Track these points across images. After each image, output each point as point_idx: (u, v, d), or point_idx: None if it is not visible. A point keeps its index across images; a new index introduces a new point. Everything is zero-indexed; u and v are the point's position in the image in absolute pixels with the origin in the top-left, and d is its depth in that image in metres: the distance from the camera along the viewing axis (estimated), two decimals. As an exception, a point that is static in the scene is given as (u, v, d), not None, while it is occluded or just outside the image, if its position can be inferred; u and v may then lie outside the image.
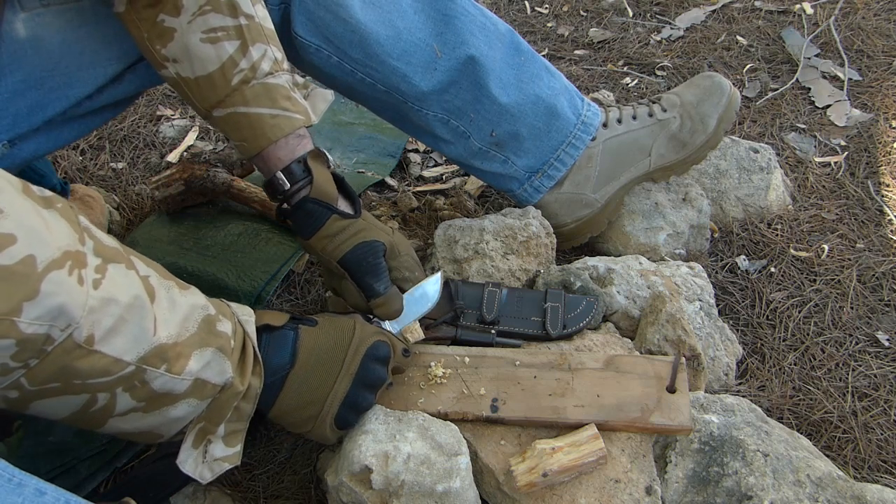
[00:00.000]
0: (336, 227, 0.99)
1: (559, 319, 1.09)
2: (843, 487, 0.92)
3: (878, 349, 1.23)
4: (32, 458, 1.02)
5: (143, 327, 0.71)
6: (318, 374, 0.88)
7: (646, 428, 0.96)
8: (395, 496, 0.87)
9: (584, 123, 1.27)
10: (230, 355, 0.79)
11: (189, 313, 0.77)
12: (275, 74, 0.97)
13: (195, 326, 0.76)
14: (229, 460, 0.83)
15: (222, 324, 0.80)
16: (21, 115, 0.97)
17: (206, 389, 0.78)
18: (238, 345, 0.81)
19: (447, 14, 1.17)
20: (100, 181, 1.56)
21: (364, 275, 1.00)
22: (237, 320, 0.84)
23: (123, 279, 0.70)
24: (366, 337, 0.91)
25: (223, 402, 0.80)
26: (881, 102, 1.72)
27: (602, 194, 1.28)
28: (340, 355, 0.89)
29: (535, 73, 1.24)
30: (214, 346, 0.78)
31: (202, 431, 0.82)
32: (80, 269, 0.65)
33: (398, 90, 1.18)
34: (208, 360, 0.77)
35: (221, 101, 0.96)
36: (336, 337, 0.90)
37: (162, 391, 0.74)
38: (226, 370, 0.79)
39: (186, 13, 0.92)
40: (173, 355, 0.73)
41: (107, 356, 0.68)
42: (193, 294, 0.80)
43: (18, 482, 0.63)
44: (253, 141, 0.97)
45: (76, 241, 0.66)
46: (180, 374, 0.74)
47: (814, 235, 1.42)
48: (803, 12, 2.02)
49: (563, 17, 2.12)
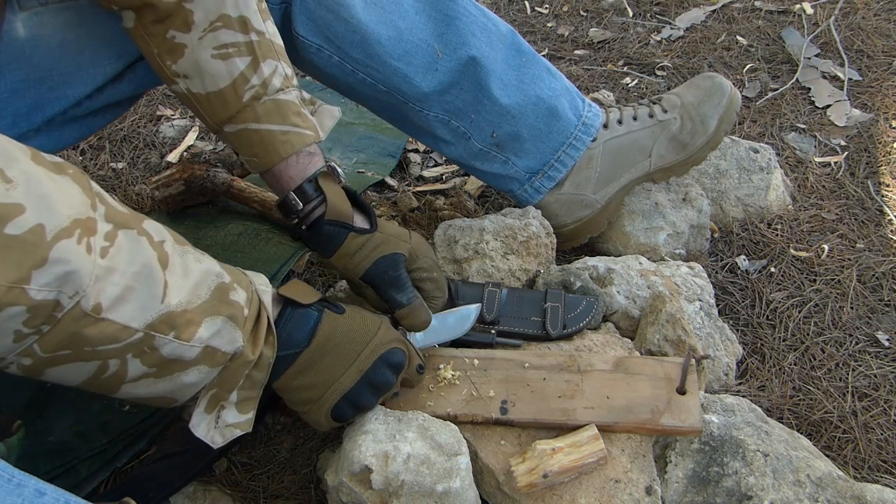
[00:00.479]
0: (354, 245, 0.99)
1: (559, 319, 1.09)
2: (843, 487, 0.92)
3: (878, 349, 1.23)
4: (32, 458, 1.02)
5: (152, 294, 0.71)
6: (328, 361, 0.88)
7: (656, 430, 0.95)
8: (395, 496, 0.87)
9: (584, 124, 1.27)
10: (242, 325, 0.79)
11: (202, 280, 0.77)
12: (285, 91, 0.97)
13: (207, 293, 0.77)
14: (241, 427, 0.84)
15: (236, 293, 0.80)
16: (21, 115, 0.97)
17: (216, 357, 0.78)
18: (252, 314, 0.81)
19: (448, 15, 1.17)
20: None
21: (387, 288, 1.00)
22: (254, 290, 0.84)
23: (133, 245, 0.70)
24: (386, 340, 0.91)
25: (234, 369, 0.81)
26: (881, 102, 1.72)
27: (602, 195, 1.28)
28: (356, 349, 0.89)
29: (537, 74, 1.24)
30: (226, 314, 0.78)
31: (215, 398, 0.83)
32: (89, 236, 0.66)
33: (399, 91, 1.18)
34: (219, 329, 0.77)
35: (232, 117, 0.96)
36: (358, 331, 0.90)
37: (172, 357, 0.75)
38: (236, 339, 0.79)
39: (197, 29, 0.92)
40: (182, 322, 0.74)
41: (115, 323, 0.69)
42: (208, 261, 0.80)
43: (18, 482, 0.63)
44: (264, 157, 0.97)
45: (87, 207, 0.67)
46: (190, 340, 0.75)
47: (814, 235, 1.42)
48: (803, 12, 2.02)
49: (563, 17, 2.12)
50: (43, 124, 0.99)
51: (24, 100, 0.97)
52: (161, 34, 0.93)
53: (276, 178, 0.99)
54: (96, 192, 0.70)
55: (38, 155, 0.66)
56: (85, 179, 0.69)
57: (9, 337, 0.64)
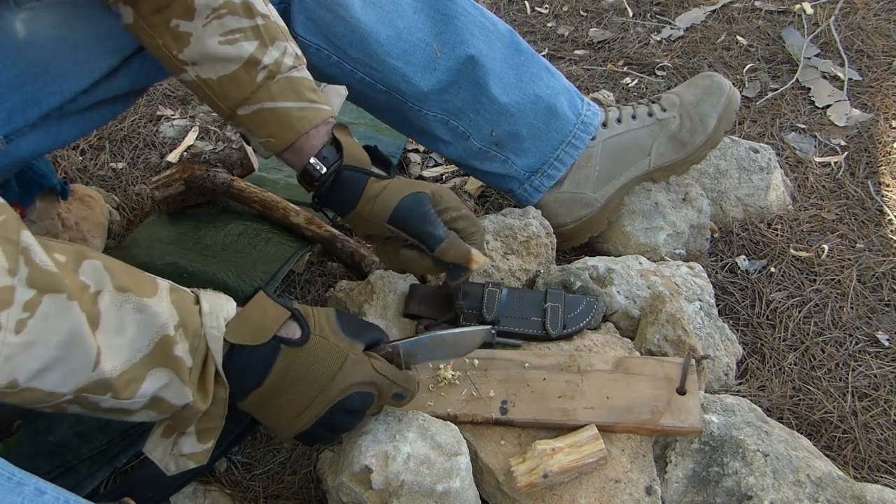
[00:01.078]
0: (376, 189, 0.97)
1: (559, 319, 1.09)
2: (843, 487, 0.92)
3: (878, 349, 1.23)
4: (32, 458, 1.02)
5: (82, 362, 0.66)
6: (283, 401, 0.82)
7: (656, 430, 0.95)
8: (395, 496, 0.87)
9: (583, 123, 1.27)
10: (187, 378, 0.75)
11: (140, 332, 0.71)
12: (298, 68, 0.97)
13: (149, 346, 0.71)
14: (196, 458, 0.80)
15: (179, 346, 0.74)
16: (16, 110, 0.97)
17: (164, 406, 0.74)
18: (199, 362, 0.76)
19: (447, 14, 1.17)
20: (100, 181, 1.56)
21: (419, 225, 0.97)
22: (203, 334, 0.77)
23: (60, 312, 0.64)
24: (345, 385, 0.82)
25: (186, 416, 0.77)
26: (881, 102, 1.72)
27: (602, 194, 1.28)
28: (311, 394, 0.82)
29: (535, 72, 1.24)
30: (170, 367, 0.73)
31: (170, 428, 0.80)
32: (2, 310, 0.60)
33: (398, 90, 1.18)
34: (166, 382, 0.73)
35: (247, 98, 0.95)
36: (315, 372, 0.82)
37: (114, 408, 0.72)
38: (185, 394, 0.75)
39: (200, 16, 0.92)
40: (121, 384, 0.69)
41: (39, 390, 0.65)
42: (150, 310, 0.72)
43: (18, 481, 0.63)
44: (281, 135, 0.96)
45: (4, 274, 0.61)
46: (132, 398, 0.71)
47: (814, 235, 1.42)
48: (803, 12, 2.02)
49: (563, 17, 2.12)
50: (39, 120, 0.99)
51: (19, 95, 0.96)
52: (163, 24, 0.92)
53: (295, 154, 0.98)
54: (24, 246, 0.62)
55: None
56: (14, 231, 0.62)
57: None
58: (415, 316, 1.12)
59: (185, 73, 0.96)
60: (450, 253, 0.98)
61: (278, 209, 1.38)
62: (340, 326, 0.85)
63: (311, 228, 1.35)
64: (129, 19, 0.94)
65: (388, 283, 1.15)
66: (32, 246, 0.63)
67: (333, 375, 0.82)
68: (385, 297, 1.14)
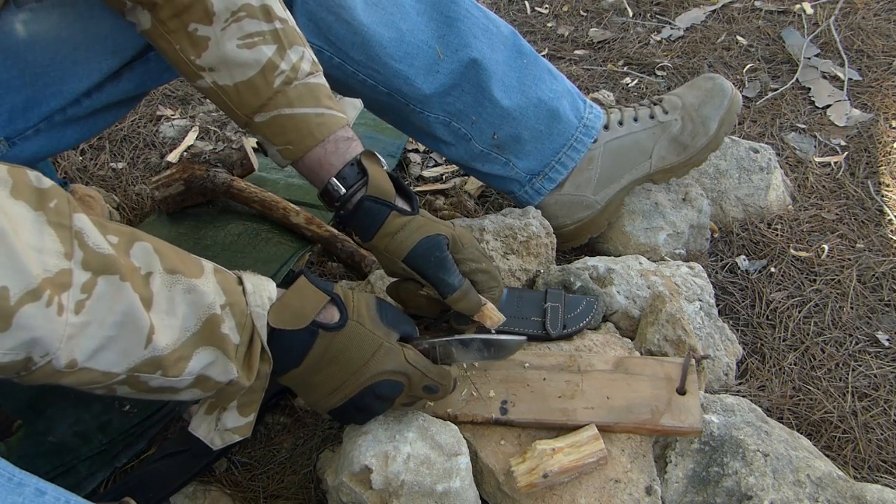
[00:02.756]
0: (396, 225, 0.95)
1: (559, 319, 1.09)
2: (843, 487, 0.92)
3: (878, 349, 1.23)
4: (32, 458, 1.02)
5: (135, 341, 0.69)
6: (318, 379, 0.87)
7: (656, 430, 0.95)
8: (395, 496, 0.87)
9: (585, 126, 1.27)
10: (233, 355, 0.78)
11: (190, 312, 0.74)
12: (315, 74, 0.96)
13: (196, 325, 0.74)
14: (240, 431, 0.85)
15: (226, 324, 0.77)
16: (17, 111, 0.97)
17: (209, 384, 0.78)
18: (245, 339, 0.79)
19: (450, 16, 1.17)
20: (100, 181, 1.56)
21: (434, 270, 0.96)
22: (248, 313, 0.80)
23: (114, 293, 0.66)
24: (377, 371, 0.87)
25: (230, 392, 0.81)
26: (881, 102, 1.72)
27: (602, 196, 1.28)
28: (342, 376, 0.87)
29: (538, 75, 1.24)
30: (217, 346, 0.76)
31: (214, 404, 0.84)
32: (62, 293, 0.62)
33: (400, 92, 1.18)
34: (211, 360, 0.76)
35: (264, 104, 0.94)
36: (350, 355, 0.86)
37: (162, 387, 0.74)
38: (230, 370, 0.78)
39: (219, 20, 0.91)
40: (170, 362, 0.72)
41: (94, 370, 0.67)
42: (199, 290, 0.75)
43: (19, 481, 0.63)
44: (299, 143, 0.95)
45: (61, 258, 0.63)
46: (179, 375, 0.74)
47: (814, 235, 1.42)
48: (803, 12, 2.02)
49: (563, 17, 2.12)
50: (42, 123, 0.99)
51: (19, 95, 0.96)
52: (181, 29, 0.92)
53: (314, 166, 0.96)
54: (77, 230, 0.65)
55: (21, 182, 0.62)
56: (66, 216, 0.64)
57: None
58: (415, 316, 1.11)
59: (201, 79, 0.95)
60: (461, 304, 0.97)
61: (278, 209, 1.38)
62: (379, 314, 0.89)
63: (311, 228, 1.35)
64: (145, 25, 0.93)
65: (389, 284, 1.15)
66: (85, 228, 0.65)
67: (366, 361, 0.86)
68: (385, 297, 1.14)
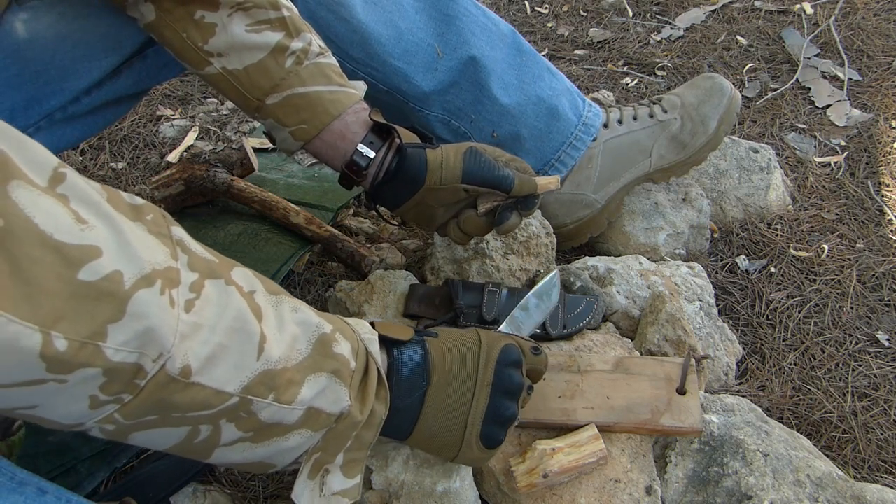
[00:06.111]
0: (436, 157, 0.97)
1: (559, 319, 1.09)
2: (843, 487, 0.92)
3: (878, 349, 1.23)
4: (33, 458, 1.02)
5: (247, 351, 0.62)
6: (453, 392, 0.78)
7: (656, 430, 0.95)
8: (395, 496, 0.87)
9: (585, 125, 1.27)
10: (349, 381, 0.70)
11: (300, 333, 0.68)
12: (325, 55, 0.97)
13: (308, 348, 0.68)
14: (349, 495, 0.74)
15: (339, 345, 0.71)
16: (17, 109, 0.97)
17: (320, 419, 0.69)
18: (360, 366, 0.72)
19: (448, 14, 1.17)
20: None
21: (490, 173, 0.97)
22: (358, 338, 0.74)
23: (223, 297, 0.62)
24: (494, 343, 0.81)
25: (341, 432, 0.71)
26: (881, 102, 1.72)
27: (602, 195, 1.29)
28: (473, 366, 0.79)
29: (537, 73, 1.24)
30: (329, 369, 0.69)
31: (318, 462, 0.73)
32: (172, 288, 0.57)
33: (399, 90, 1.18)
34: (323, 387, 0.68)
35: (276, 85, 0.94)
36: (463, 347, 0.80)
37: (271, 422, 0.66)
38: (342, 398, 0.70)
39: (225, 7, 0.92)
40: (282, 382, 0.65)
41: (206, 388, 0.60)
42: (305, 310, 0.70)
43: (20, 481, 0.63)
44: (314, 120, 0.95)
45: (167, 257, 0.59)
46: (291, 403, 0.66)
47: (814, 235, 1.42)
48: (803, 12, 2.02)
49: (563, 17, 2.12)
50: (42, 121, 0.99)
51: (20, 93, 0.96)
52: (188, 16, 0.92)
53: (335, 139, 0.96)
54: (177, 239, 0.62)
55: (116, 196, 0.58)
56: (164, 225, 0.61)
57: (83, 402, 0.56)
58: (415, 316, 1.12)
59: (209, 65, 0.95)
60: (525, 187, 0.98)
61: (278, 209, 1.38)
62: None
63: (311, 228, 1.35)
64: (149, 17, 0.94)
65: (388, 283, 1.15)
66: (185, 239, 0.63)
67: (479, 343, 0.81)
68: (385, 297, 1.14)
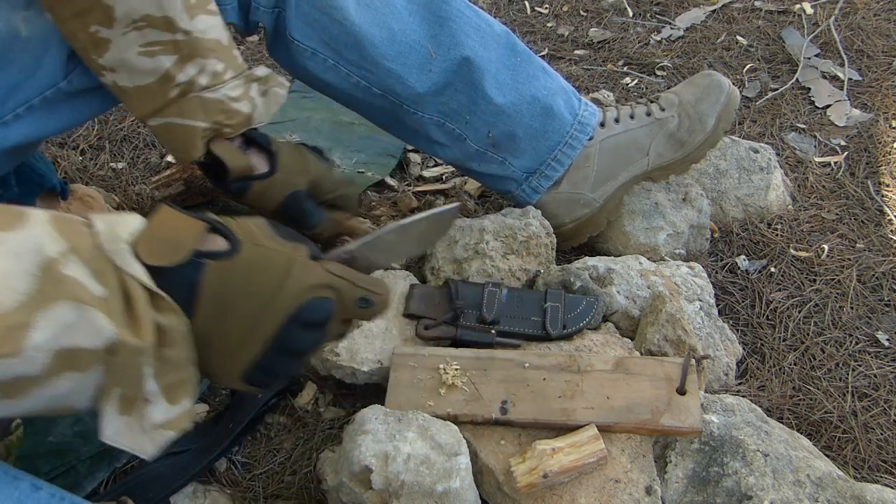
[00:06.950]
0: (257, 193, 1.09)
1: (559, 319, 1.09)
2: (843, 487, 0.92)
3: (878, 349, 1.23)
4: (32, 458, 1.02)
5: None
6: (225, 329, 0.65)
7: (656, 430, 0.95)
8: (395, 496, 0.87)
9: (580, 123, 1.27)
10: (101, 308, 0.56)
11: (13, 267, 0.54)
12: (212, 88, 1.00)
13: (31, 283, 0.54)
14: (175, 425, 0.63)
15: (70, 265, 0.56)
16: None
17: (80, 358, 0.56)
18: (113, 289, 0.58)
19: (441, 16, 1.17)
20: (100, 181, 1.56)
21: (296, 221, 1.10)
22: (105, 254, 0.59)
23: None
24: (295, 291, 0.66)
25: (123, 363, 0.58)
26: (881, 102, 1.72)
27: (600, 194, 1.28)
28: (254, 311, 0.65)
29: (532, 73, 1.24)
30: (66, 298, 0.55)
31: (126, 397, 0.60)
32: None
33: (393, 92, 1.18)
34: (67, 321, 0.55)
35: (158, 110, 0.99)
36: (258, 282, 0.66)
37: (10, 377, 0.54)
38: (101, 328, 0.56)
39: (120, 24, 0.92)
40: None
41: None
42: (17, 235, 0.55)
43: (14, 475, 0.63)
44: (184, 152, 1.03)
45: None
46: (17, 354, 0.53)
47: (814, 235, 1.42)
48: (803, 12, 2.02)
49: (563, 17, 2.12)
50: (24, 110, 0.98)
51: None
52: (83, 29, 0.93)
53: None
54: None
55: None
56: None
57: None
58: (414, 316, 1.12)
59: (104, 77, 0.98)
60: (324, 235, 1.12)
61: (278, 209, 1.38)
62: (276, 233, 0.70)
63: (310, 228, 1.35)
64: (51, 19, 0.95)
65: (388, 283, 1.15)
66: None
67: (281, 283, 0.66)
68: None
